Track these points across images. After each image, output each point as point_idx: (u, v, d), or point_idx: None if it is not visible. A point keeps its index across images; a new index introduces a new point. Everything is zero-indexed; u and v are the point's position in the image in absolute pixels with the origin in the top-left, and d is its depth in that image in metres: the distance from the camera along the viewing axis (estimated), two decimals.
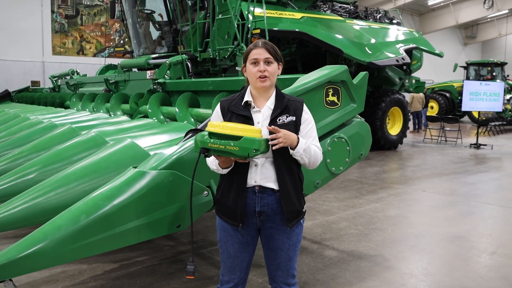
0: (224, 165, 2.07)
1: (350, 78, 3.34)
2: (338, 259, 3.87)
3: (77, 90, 8.61)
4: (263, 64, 2.09)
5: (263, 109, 2.14)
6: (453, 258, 3.95)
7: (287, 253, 2.20)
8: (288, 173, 2.12)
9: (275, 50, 2.14)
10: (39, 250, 2.19)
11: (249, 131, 1.93)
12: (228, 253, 2.21)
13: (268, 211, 2.12)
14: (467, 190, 6.76)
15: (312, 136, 2.20)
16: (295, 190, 2.15)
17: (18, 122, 5.75)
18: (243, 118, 2.11)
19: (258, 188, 2.10)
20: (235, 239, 2.18)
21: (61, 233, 2.25)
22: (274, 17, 8.38)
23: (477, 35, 31.77)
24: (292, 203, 2.13)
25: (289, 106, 2.15)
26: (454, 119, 13.20)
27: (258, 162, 2.09)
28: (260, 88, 2.12)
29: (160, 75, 5.71)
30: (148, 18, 9.54)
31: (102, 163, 3.10)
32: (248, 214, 2.13)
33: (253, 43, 2.15)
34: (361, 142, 3.49)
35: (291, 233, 2.18)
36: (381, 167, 8.78)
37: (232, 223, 2.15)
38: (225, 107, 2.17)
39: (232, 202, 2.11)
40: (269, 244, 2.21)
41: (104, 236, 2.34)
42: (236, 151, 1.90)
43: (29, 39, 14.41)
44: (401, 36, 11.48)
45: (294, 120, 2.13)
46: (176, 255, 3.96)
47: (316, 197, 6.08)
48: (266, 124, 2.10)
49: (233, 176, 2.11)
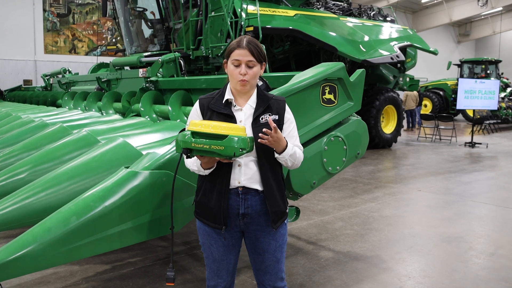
0: (206, 165, 1.98)
1: (347, 76, 3.28)
2: (334, 260, 3.82)
3: (69, 89, 8.51)
4: (245, 67, 2.01)
5: (244, 107, 2.08)
6: (451, 259, 3.90)
7: (274, 255, 2.13)
8: (272, 173, 2.06)
9: (259, 50, 2.04)
10: (28, 253, 2.11)
11: (234, 129, 1.85)
12: (213, 257, 2.14)
13: (252, 213, 2.06)
14: (463, 189, 6.74)
15: (295, 136, 2.15)
16: (279, 191, 2.09)
17: (9, 121, 5.67)
18: (225, 116, 2.03)
19: (241, 189, 2.03)
20: (219, 242, 2.11)
21: (51, 236, 2.17)
22: (267, 14, 8.31)
23: (470, 32, 31.87)
24: (277, 204, 2.07)
25: (271, 105, 2.09)
26: (448, 117, 13.20)
27: (242, 162, 2.02)
28: (240, 91, 2.06)
29: (152, 73, 5.62)
30: (140, 16, 9.44)
31: (94, 162, 3.02)
32: (231, 216, 2.06)
33: (237, 40, 2.05)
34: (358, 141, 3.44)
35: (277, 234, 2.12)
36: (375, 166, 8.75)
37: (215, 226, 2.07)
38: (204, 105, 2.09)
39: (214, 204, 2.03)
40: (254, 247, 2.14)
41: (95, 239, 2.27)
42: (222, 150, 1.82)
43: (21, 38, 14.29)
44: (395, 34, 11.46)
45: (277, 119, 2.07)
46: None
47: (311, 196, 6.03)
48: (248, 123, 2.04)
49: (215, 177, 2.03)
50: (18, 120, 5.38)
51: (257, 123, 2.03)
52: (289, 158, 2.02)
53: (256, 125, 2.02)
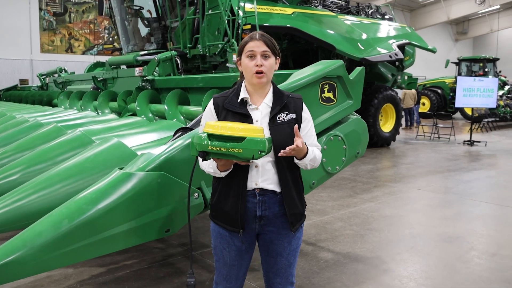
0: (223, 168, 1.91)
1: (346, 74, 3.21)
2: (334, 261, 3.75)
3: (65, 88, 8.44)
4: (260, 58, 1.93)
5: (260, 106, 2.00)
6: (453, 260, 3.84)
7: (287, 258, 2.07)
8: (290, 174, 1.99)
9: (273, 43, 1.99)
10: (18, 258, 2.03)
11: (252, 131, 1.77)
12: (224, 261, 2.07)
13: (270, 215, 1.99)
14: (462, 188, 6.68)
15: (313, 136, 2.08)
16: (297, 192, 2.03)
17: (4, 121, 5.59)
18: (241, 116, 1.95)
19: (258, 191, 1.96)
20: (232, 246, 2.03)
21: (42, 240, 2.10)
22: (265, 12, 8.25)
23: (468, 30, 31.86)
24: (296, 206, 2.01)
25: (288, 104, 2.01)
26: (447, 116, 13.15)
27: (259, 163, 1.95)
28: (257, 84, 1.97)
29: (148, 72, 5.56)
30: (136, 14, 9.36)
31: (87, 163, 2.94)
32: (248, 219, 1.98)
33: (249, 35, 1.99)
34: (357, 140, 3.37)
35: (293, 237, 2.05)
36: (374, 165, 8.69)
37: (232, 229, 1.99)
38: (219, 105, 2.01)
39: (231, 207, 1.96)
40: (268, 249, 2.07)
41: (87, 243, 2.19)
42: (240, 153, 1.74)
43: (17, 37, 14.22)
44: (393, 32, 11.41)
45: (295, 118, 2.00)
46: (166, 258, 3.82)
47: (310, 196, 5.95)
48: (265, 122, 1.96)
49: (232, 179, 1.96)
50: (12, 120, 5.30)
51: (274, 123, 1.95)
52: (309, 162, 1.96)
53: (273, 124, 1.95)
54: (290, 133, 1.92)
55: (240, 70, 2.04)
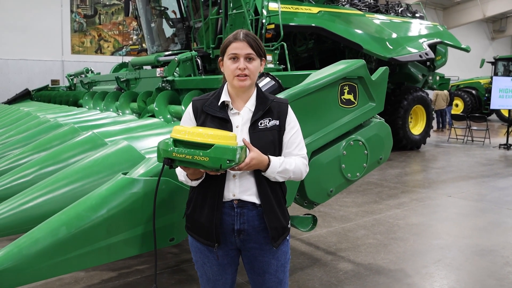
0: (193, 177, 1.77)
1: (368, 74, 3.01)
2: (354, 273, 3.54)
3: (91, 89, 8.52)
4: (244, 61, 1.78)
5: (242, 111, 1.84)
6: (484, 276, 3.56)
7: (275, 275, 1.89)
8: (270, 184, 1.82)
9: (258, 43, 1.83)
10: (13, 266, 1.94)
11: (222, 137, 1.62)
12: (207, 277, 1.92)
13: (249, 229, 1.82)
14: (497, 195, 6.32)
15: (296, 142, 1.89)
16: (278, 204, 1.85)
17: (27, 121, 5.65)
18: (220, 120, 1.80)
19: (236, 202, 1.80)
20: (213, 261, 1.88)
21: (38, 247, 2.00)
22: (289, 11, 8.08)
23: (506, 28, 30.60)
24: (277, 219, 1.83)
25: (272, 109, 1.85)
26: (481, 118, 12.62)
27: (237, 172, 1.78)
28: (239, 88, 1.81)
29: (169, 72, 5.49)
30: (161, 15, 9.36)
31: (95, 167, 2.85)
32: (225, 232, 1.82)
33: (233, 34, 1.83)
34: (380, 145, 3.15)
35: (278, 252, 1.88)
36: (402, 169, 8.38)
37: (206, 243, 1.83)
38: (198, 108, 1.86)
39: (206, 218, 1.80)
40: (254, 267, 1.90)
41: (86, 251, 2.09)
42: (206, 162, 1.58)
43: (49, 39, 14.56)
44: (425, 31, 11.04)
45: (278, 125, 1.84)
46: (179, 264, 3.71)
47: (333, 201, 5.75)
48: (246, 129, 1.80)
49: (207, 189, 1.81)
50: (35, 120, 5.35)
51: (256, 129, 1.80)
52: (277, 175, 1.78)
53: (254, 130, 1.79)
54: (272, 140, 1.78)
55: (222, 70, 1.89)
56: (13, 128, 5.56)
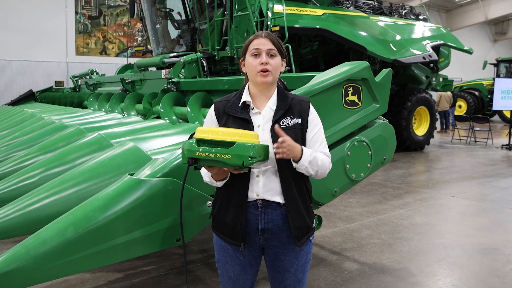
0: (217, 177, 1.79)
1: (372, 76, 3.03)
2: (359, 272, 3.56)
3: (96, 90, 8.54)
4: (266, 56, 1.81)
5: (263, 110, 1.86)
6: (487, 274, 3.58)
7: (295, 275, 1.91)
8: (295, 184, 1.82)
9: (280, 42, 1.86)
10: (20, 267, 1.97)
11: (243, 136, 1.65)
12: (228, 276, 1.94)
13: (273, 228, 1.84)
14: (500, 195, 6.32)
15: (320, 141, 1.90)
16: (303, 204, 1.86)
17: (32, 123, 5.66)
18: (242, 121, 1.82)
19: (261, 202, 1.82)
20: (236, 260, 1.90)
21: (46, 248, 2.03)
22: (294, 13, 8.09)
23: (508, 31, 30.54)
24: (301, 219, 1.84)
25: (293, 107, 1.86)
26: (484, 119, 12.60)
27: (260, 172, 1.80)
28: (261, 84, 1.83)
29: (174, 74, 5.52)
30: (166, 16, 9.39)
31: (101, 168, 2.88)
32: (250, 232, 1.85)
33: (255, 34, 1.87)
34: (384, 145, 3.17)
35: (300, 252, 1.89)
36: (406, 170, 8.38)
37: (232, 243, 1.86)
38: (220, 109, 1.89)
39: (231, 219, 1.83)
40: (274, 265, 1.92)
41: (94, 251, 2.11)
42: (229, 159, 1.61)
43: (53, 40, 14.56)
44: (428, 33, 11.04)
45: (300, 123, 1.85)
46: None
47: (337, 202, 5.76)
48: (267, 128, 1.81)
49: (232, 189, 1.83)
50: (40, 122, 5.36)
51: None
52: (309, 166, 1.77)
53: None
54: (295, 139, 1.77)
55: (244, 71, 1.91)
56: (17, 130, 5.55)
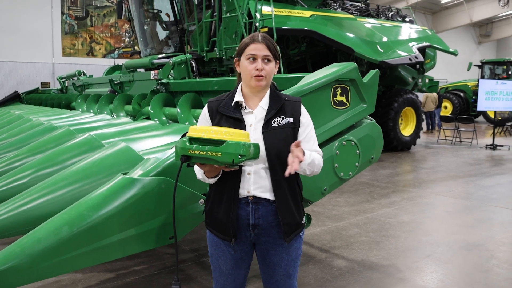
0: (210, 174, 1.85)
1: (359, 77, 3.10)
2: (348, 269, 3.63)
3: (84, 91, 8.50)
4: (261, 62, 1.86)
5: (256, 110, 1.91)
6: (471, 269, 3.68)
7: (285, 269, 1.97)
8: (286, 181, 1.88)
9: (275, 46, 1.92)
10: (16, 265, 1.99)
11: (234, 134, 1.71)
12: (220, 270, 1.99)
13: (264, 224, 1.90)
14: (484, 193, 6.46)
15: (312, 140, 1.97)
16: (294, 200, 1.92)
17: (20, 124, 5.63)
18: (234, 120, 1.88)
19: (252, 198, 1.87)
20: (228, 255, 1.95)
21: (40, 247, 2.05)
22: (282, 15, 8.16)
23: (491, 33, 31.09)
24: (290, 215, 1.90)
25: (285, 107, 1.92)
26: (469, 119, 12.83)
27: (252, 170, 1.86)
28: (255, 88, 1.89)
29: (163, 75, 5.53)
30: (154, 18, 9.39)
31: (94, 168, 2.91)
32: (241, 227, 1.90)
33: (251, 36, 1.92)
34: (372, 145, 3.25)
35: (290, 247, 1.95)
36: (393, 169, 8.50)
37: (224, 238, 1.92)
38: (213, 109, 1.95)
39: (223, 214, 1.89)
40: (265, 260, 1.98)
41: (88, 250, 2.14)
42: (219, 157, 1.67)
43: (39, 41, 14.38)
44: (414, 34, 11.19)
45: (292, 122, 1.90)
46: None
47: (326, 201, 5.84)
48: (259, 127, 1.87)
49: (223, 186, 1.89)
50: (28, 123, 5.34)
51: (269, 127, 1.86)
52: (307, 167, 1.85)
53: (267, 129, 1.86)
54: (286, 138, 1.83)
55: (238, 70, 1.96)
56: (4, 131, 5.52)
